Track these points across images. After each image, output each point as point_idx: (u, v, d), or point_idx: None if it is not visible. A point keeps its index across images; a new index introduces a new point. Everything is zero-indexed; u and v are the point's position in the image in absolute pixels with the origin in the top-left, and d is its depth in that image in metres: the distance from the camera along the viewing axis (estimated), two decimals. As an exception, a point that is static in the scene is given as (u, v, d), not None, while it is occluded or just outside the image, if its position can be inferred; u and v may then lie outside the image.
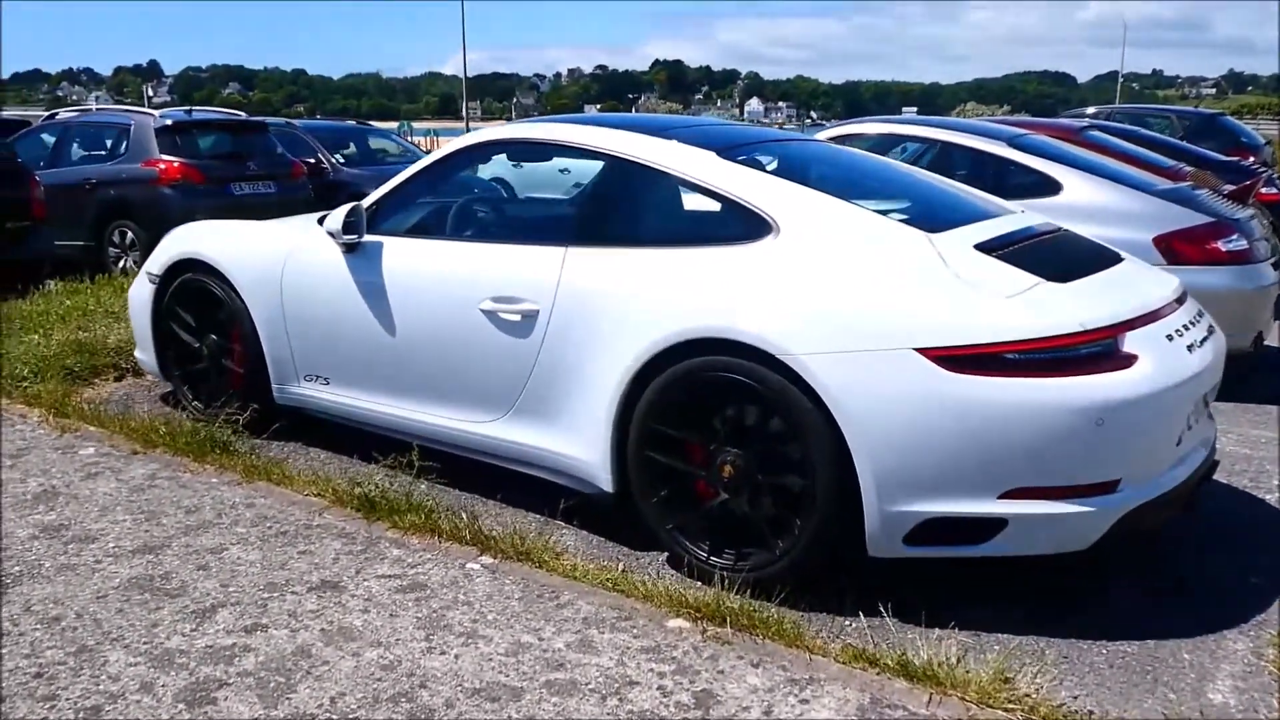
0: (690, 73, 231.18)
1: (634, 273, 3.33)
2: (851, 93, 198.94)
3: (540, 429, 3.56)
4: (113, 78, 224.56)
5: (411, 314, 3.84)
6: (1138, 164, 6.96)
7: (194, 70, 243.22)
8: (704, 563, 3.20)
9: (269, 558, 3.19)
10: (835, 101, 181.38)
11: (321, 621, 2.79)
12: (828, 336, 2.91)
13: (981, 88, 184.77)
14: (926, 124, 6.45)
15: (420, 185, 4.09)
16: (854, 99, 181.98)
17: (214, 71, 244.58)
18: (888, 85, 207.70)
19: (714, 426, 3.14)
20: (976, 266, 3.04)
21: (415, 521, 3.40)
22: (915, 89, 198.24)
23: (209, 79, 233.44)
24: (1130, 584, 3.23)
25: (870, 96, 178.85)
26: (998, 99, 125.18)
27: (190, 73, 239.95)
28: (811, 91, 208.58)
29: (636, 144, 3.58)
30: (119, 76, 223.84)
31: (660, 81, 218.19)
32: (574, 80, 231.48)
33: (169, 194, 9.37)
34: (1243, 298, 5.16)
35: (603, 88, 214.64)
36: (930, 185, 3.97)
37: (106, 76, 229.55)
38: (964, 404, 2.78)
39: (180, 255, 4.60)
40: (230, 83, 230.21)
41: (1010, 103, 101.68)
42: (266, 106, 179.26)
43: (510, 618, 2.84)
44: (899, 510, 2.87)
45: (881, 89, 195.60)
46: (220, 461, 3.98)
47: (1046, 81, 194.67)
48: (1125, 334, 2.92)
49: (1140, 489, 2.90)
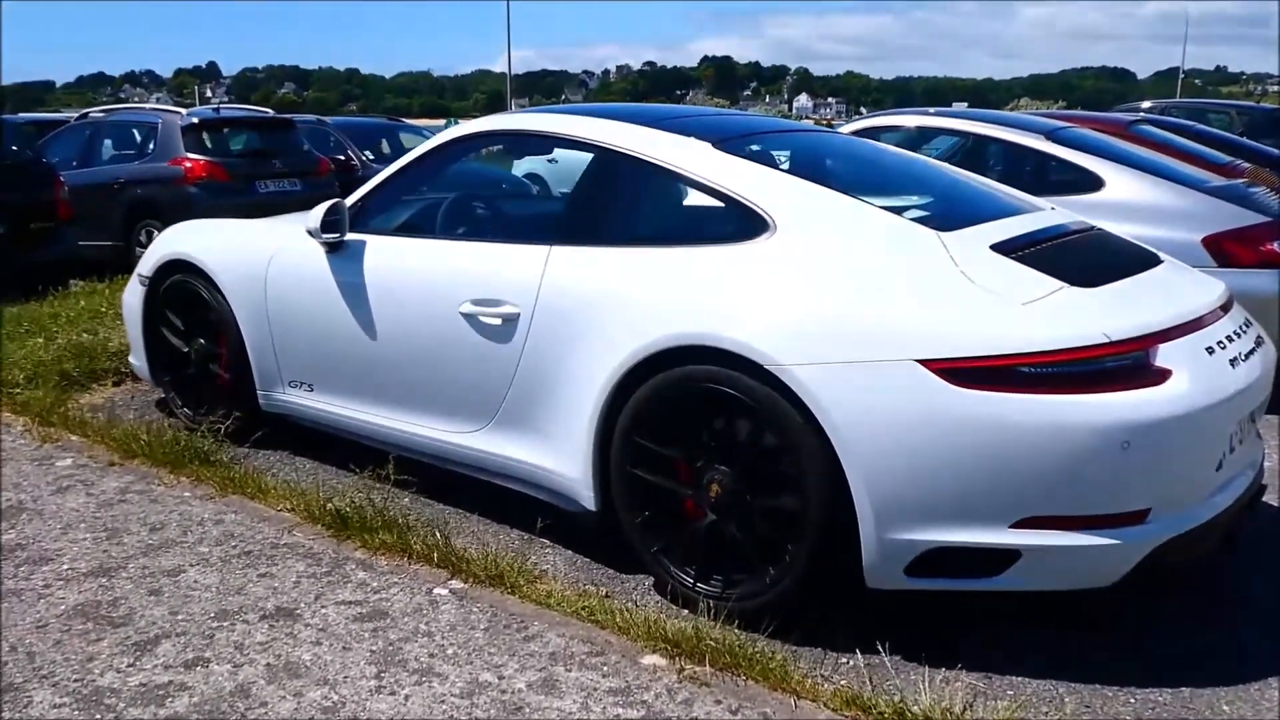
0: (739, 69, 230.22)
1: (618, 274, 3.08)
2: (903, 88, 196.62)
3: (523, 441, 3.32)
4: (173, 79, 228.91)
5: (392, 317, 3.63)
6: (1190, 159, 6.57)
7: (251, 71, 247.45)
8: (690, 589, 2.94)
9: (226, 581, 2.99)
10: (886, 98, 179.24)
11: (269, 655, 2.58)
12: (821, 346, 2.63)
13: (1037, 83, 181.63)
14: (961, 116, 6.12)
15: (405, 182, 3.88)
16: (905, 95, 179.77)
17: (270, 72, 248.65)
18: (940, 81, 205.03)
19: (701, 442, 2.89)
20: (991, 269, 2.75)
21: (386, 541, 3.19)
22: (968, 84, 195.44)
23: (265, 79, 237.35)
24: (1164, 620, 2.91)
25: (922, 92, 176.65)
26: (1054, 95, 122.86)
27: (247, 73, 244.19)
28: (862, 87, 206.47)
29: (625, 134, 3.33)
30: (179, 78, 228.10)
31: (708, 78, 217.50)
32: (622, 77, 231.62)
33: (194, 193, 9.29)
34: (1300, 303, 4.77)
35: (650, 84, 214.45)
36: (949, 179, 3.67)
37: (167, 78, 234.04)
38: (972, 422, 2.50)
39: (168, 256, 4.43)
40: (286, 82, 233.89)
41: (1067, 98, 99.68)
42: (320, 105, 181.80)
43: (472, 652, 2.61)
44: (899, 539, 2.60)
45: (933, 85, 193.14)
46: (197, 473, 3.80)
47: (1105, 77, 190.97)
48: (1158, 346, 2.61)
49: (1173, 520, 2.59)
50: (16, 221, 7.94)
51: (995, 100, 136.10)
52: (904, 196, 3.38)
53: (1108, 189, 5.18)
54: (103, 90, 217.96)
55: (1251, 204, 5.09)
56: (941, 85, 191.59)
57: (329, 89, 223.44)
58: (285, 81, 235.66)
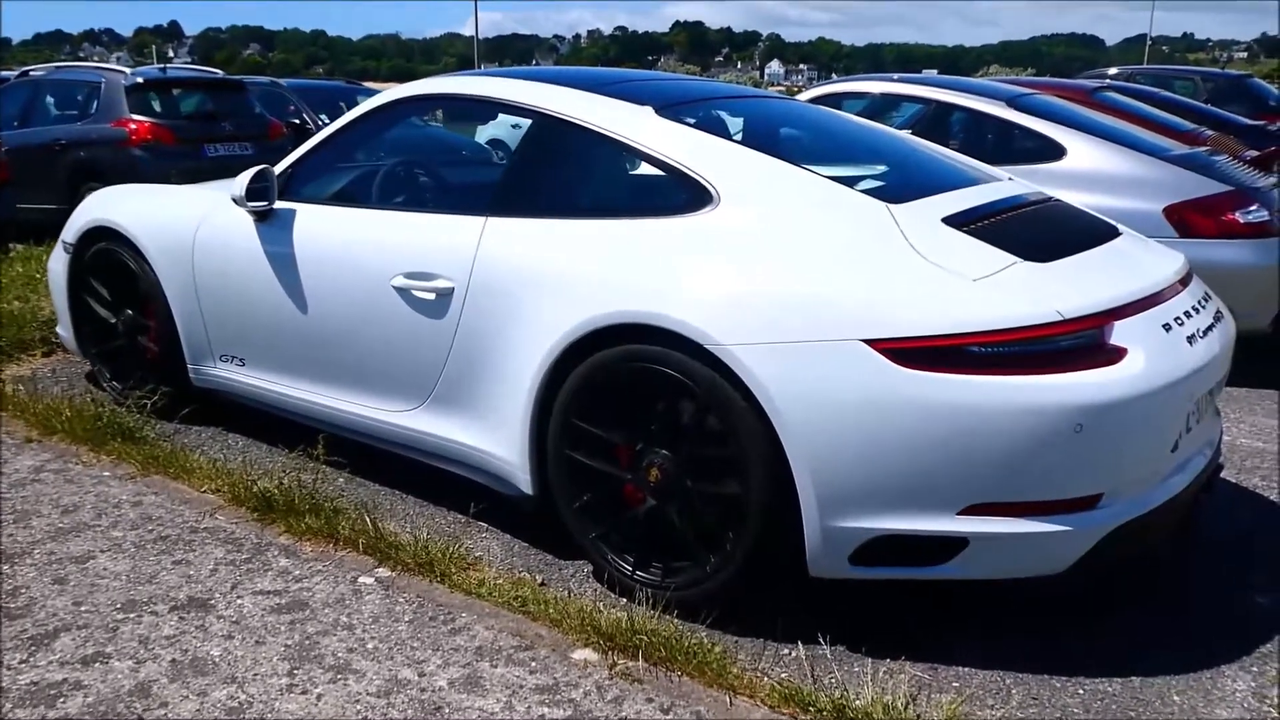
0: (711, 34, 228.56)
1: (554, 247, 2.93)
2: (874, 55, 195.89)
3: (459, 422, 3.17)
4: (133, 38, 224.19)
5: (323, 290, 3.45)
6: (1153, 127, 6.48)
7: (214, 31, 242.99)
8: (628, 577, 2.82)
9: (138, 568, 2.83)
10: (858, 64, 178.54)
11: (175, 650, 2.43)
12: (762, 324, 2.50)
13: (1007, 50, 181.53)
14: (923, 83, 5.97)
15: (337, 148, 3.68)
16: (877, 61, 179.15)
17: (234, 32, 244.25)
18: (911, 47, 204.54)
19: (641, 424, 2.75)
20: (942, 243, 2.62)
21: (312, 525, 3.04)
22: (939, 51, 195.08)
23: (229, 39, 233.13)
24: (1114, 606, 2.82)
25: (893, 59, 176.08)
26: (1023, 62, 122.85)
27: (210, 33, 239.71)
28: (834, 54, 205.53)
29: (563, 99, 3.16)
30: (139, 37, 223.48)
31: (680, 44, 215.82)
32: (593, 41, 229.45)
33: (139, 155, 8.98)
34: (1261, 274, 4.71)
35: (622, 49, 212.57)
36: (905, 149, 3.52)
37: (127, 37, 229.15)
38: (918, 405, 2.37)
39: (92, 223, 4.22)
40: (251, 43, 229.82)
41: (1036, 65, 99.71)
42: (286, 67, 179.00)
43: (393, 646, 2.47)
44: (843, 526, 2.48)
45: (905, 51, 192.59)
46: (119, 451, 3.62)
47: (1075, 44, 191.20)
48: (1113, 323, 2.49)
49: (1127, 504, 2.49)
50: (-51, 184, 7.63)
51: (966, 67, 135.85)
52: (857, 166, 3.24)
53: (1069, 157, 5.07)
54: (61, 48, 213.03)
55: (1214, 173, 5.00)
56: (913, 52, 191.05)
57: (295, 50, 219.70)
58: (250, 42, 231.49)
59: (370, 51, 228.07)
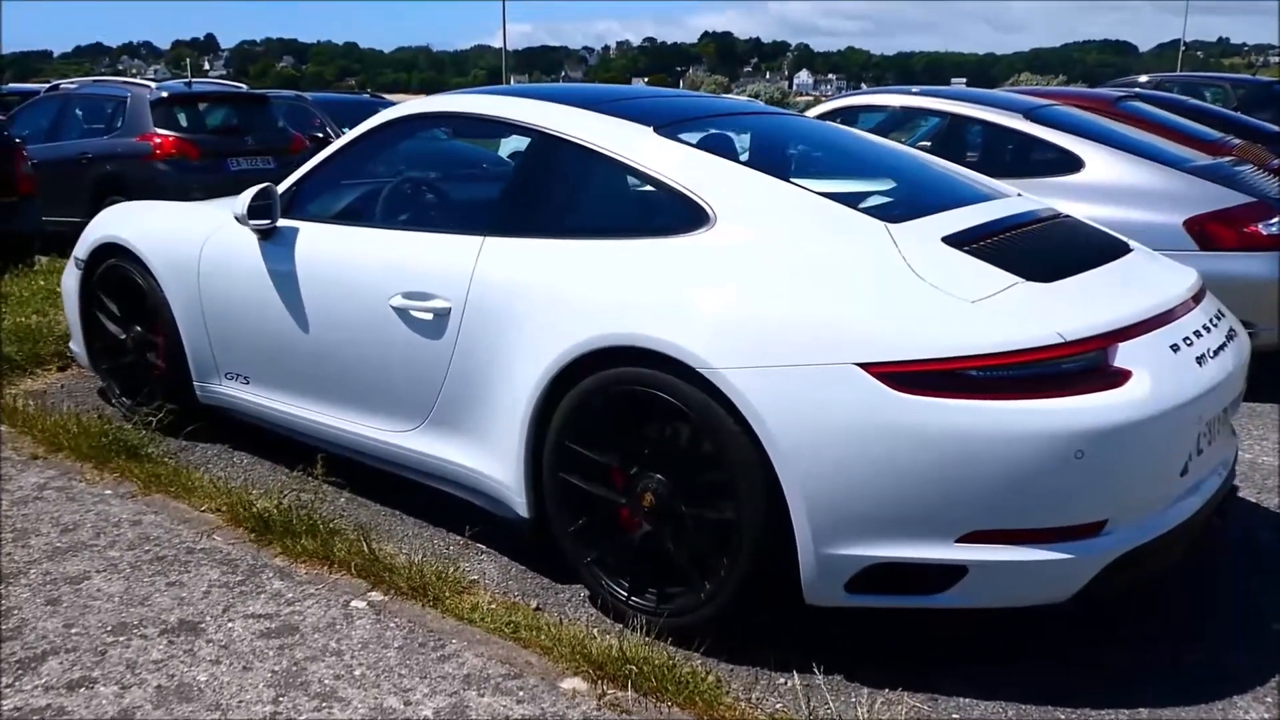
0: (739, 45, 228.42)
1: (551, 268, 2.90)
2: (903, 64, 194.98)
3: (457, 443, 3.14)
4: (170, 51, 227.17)
5: (324, 309, 3.44)
6: (1177, 137, 6.38)
7: (249, 44, 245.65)
8: (623, 603, 2.77)
9: (132, 590, 2.82)
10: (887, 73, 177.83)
11: (161, 675, 2.41)
12: (755, 347, 2.45)
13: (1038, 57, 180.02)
14: (940, 95, 5.90)
15: (340, 166, 3.67)
16: (906, 70, 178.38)
17: (268, 45, 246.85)
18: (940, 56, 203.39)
19: (636, 448, 2.71)
20: (941, 263, 2.56)
21: (308, 547, 3.01)
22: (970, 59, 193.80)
23: (263, 52, 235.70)
24: (1124, 633, 2.74)
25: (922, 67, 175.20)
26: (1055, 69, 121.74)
27: (245, 46, 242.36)
28: (862, 63, 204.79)
29: (561, 117, 3.13)
30: (176, 50, 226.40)
31: (709, 54, 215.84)
32: (622, 53, 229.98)
33: (163, 169, 9.07)
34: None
35: (651, 60, 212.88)
36: (909, 165, 3.47)
37: (165, 50, 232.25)
38: (914, 430, 2.32)
39: (102, 239, 4.24)
40: (284, 56, 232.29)
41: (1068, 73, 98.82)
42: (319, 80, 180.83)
43: (381, 673, 2.44)
44: (838, 553, 2.42)
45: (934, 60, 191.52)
46: (123, 469, 3.62)
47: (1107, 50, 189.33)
48: (1117, 345, 2.42)
49: (1133, 530, 2.42)
50: (-27, 196, 7.72)
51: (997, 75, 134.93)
52: (859, 183, 3.19)
53: (1087, 170, 4.99)
54: (100, 61, 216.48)
55: (1236, 183, 4.90)
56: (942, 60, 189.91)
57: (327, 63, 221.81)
58: (284, 55, 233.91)
59: (402, 64, 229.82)
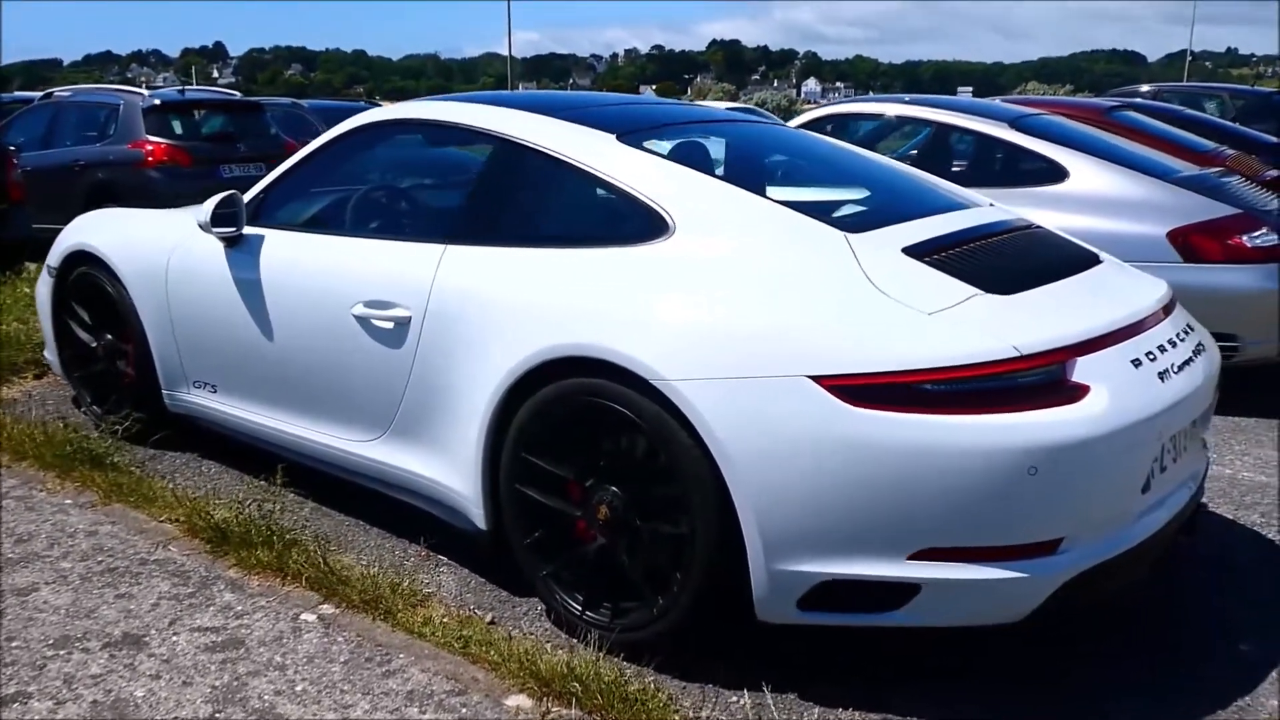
0: (747, 53, 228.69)
1: (510, 277, 2.86)
2: (911, 73, 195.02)
3: (418, 453, 3.10)
4: (180, 59, 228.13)
5: (288, 318, 3.41)
6: (1168, 147, 6.32)
7: (258, 52, 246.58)
8: (578, 617, 2.73)
9: (79, 602, 2.78)
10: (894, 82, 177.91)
11: (98, 690, 2.37)
12: (708, 359, 2.41)
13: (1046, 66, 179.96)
14: (927, 104, 5.86)
15: (306, 174, 3.64)
16: (914, 79, 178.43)
17: (277, 53, 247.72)
18: (948, 65, 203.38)
19: (591, 460, 2.67)
20: (900, 274, 2.52)
21: (264, 558, 2.97)
22: (977, 68, 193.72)
23: (272, 60, 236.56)
24: (1085, 650, 2.68)
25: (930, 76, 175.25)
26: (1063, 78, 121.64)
27: (254, 54, 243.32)
28: (870, 71, 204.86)
29: (525, 124, 3.09)
30: (185, 58, 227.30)
31: (717, 62, 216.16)
32: (630, 60, 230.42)
33: (155, 176, 9.06)
34: (1270, 300, 4.53)
35: (659, 68, 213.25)
36: (879, 173, 3.42)
37: (174, 58, 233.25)
38: (866, 444, 2.27)
39: (73, 247, 4.22)
40: (293, 64, 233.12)
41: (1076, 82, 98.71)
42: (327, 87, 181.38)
43: (323, 689, 2.40)
44: (790, 570, 2.37)
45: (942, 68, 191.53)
46: (85, 478, 3.59)
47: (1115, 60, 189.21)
48: (1075, 359, 2.38)
49: (1090, 549, 2.37)
50: (-37, 204, 7.72)
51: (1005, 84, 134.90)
52: (828, 192, 3.16)
53: (1071, 180, 4.94)
54: (110, 69, 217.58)
55: (1222, 195, 4.84)
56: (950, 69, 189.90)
57: (336, 70, 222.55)
58: (292, 63, 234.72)
59: (410, 71, 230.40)
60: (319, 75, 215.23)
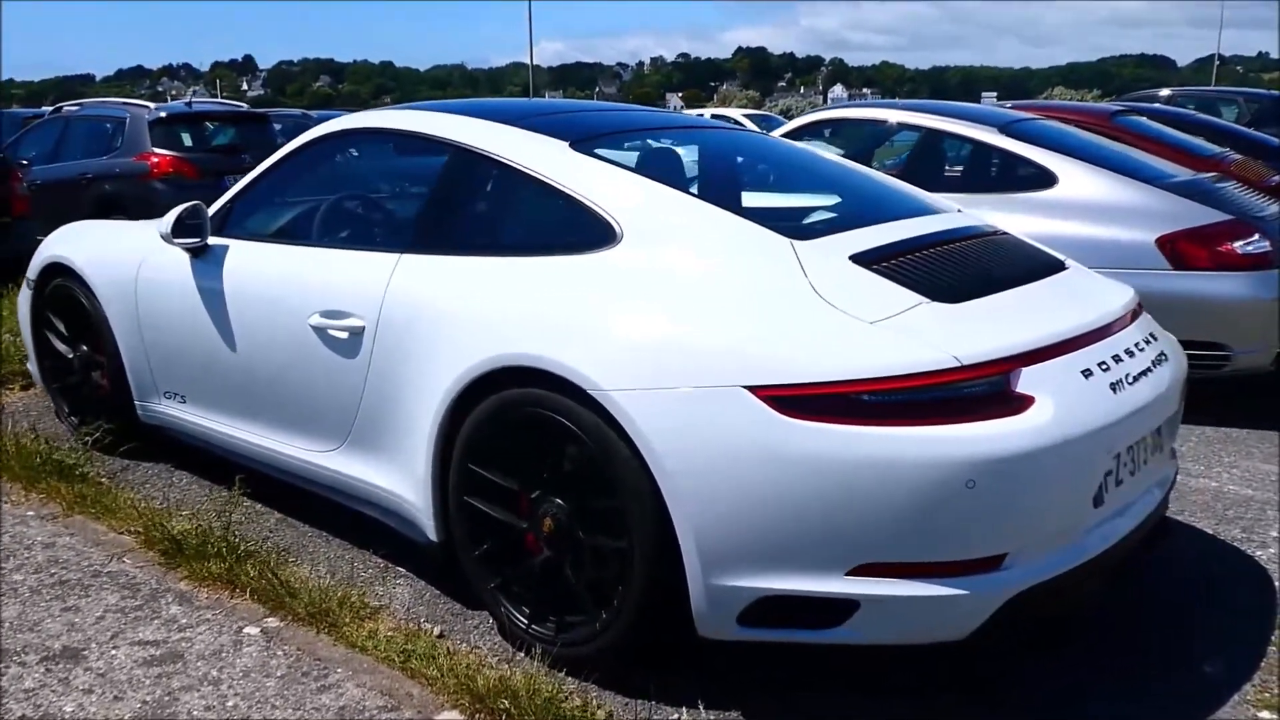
0: (773, 60, 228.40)
1: (458, 286, 2.83)
2: (937, 78, 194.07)
3: (374, 464, 3.07)
4: (209, 73, 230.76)
5: (250, 328, 3.40)
6: (1171, 152, 6.23)
7: (286, 64, 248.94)
8: (524, 631, 2.69)
9: (25, 615, 2.77)
10: (921, 88, 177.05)
11: (28, 705, 2.35)
12: (644, 369, 2.36)
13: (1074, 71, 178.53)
14: (917, 109, 5.79)
15: (269, 184, 3.64)
16: (940, 85, 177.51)
17: (305, 65, 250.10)
18: (976, 70, 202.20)
19: (535, 472, 2.63)
20: (844, 282, 2.47)
21: (215, 570, 2.95)
22: (1005, 74, 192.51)
23: (300, 73, 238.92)
24: (1041, 667, 2.61)
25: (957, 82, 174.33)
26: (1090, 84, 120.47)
27: (283, 67, 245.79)
28: (897, 78, 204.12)
29: (478, 132, 3.07)
30: (215, 72, 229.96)
31: (743, 69, 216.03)
32: (656, 69, 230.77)
33: (160, 188, 9.13)
34: (1260, 308, 4.43)
35: (685, 76, 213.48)
36: (842, 179, 3.36)
37: (204, 72, 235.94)
38: (801, 457, 2.22)
39: (49, 259, 4.24)
40: (321, 75, 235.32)
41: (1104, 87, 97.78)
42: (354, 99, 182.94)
43: (254, 704, 2.37)
44: (727, 585, 2.32)
45: (968, 74, 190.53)
46: (52, 490, 3.59)
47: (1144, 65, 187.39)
48: (1020, 370, 2.31)
49: (1037, 565, 2.30)
50: (-32, 217, 7.81)
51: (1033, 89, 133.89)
52: (785, 198, 3.10)
53: (1061, 185, 4.86)
54: (141, 83, 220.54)
55: (1215, 201, 4.75)
56: (977, 75, 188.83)
57: (363, 81, 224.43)
58: (320, 75, 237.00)
59: (437, 82, 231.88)
60: (346, 86, 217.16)
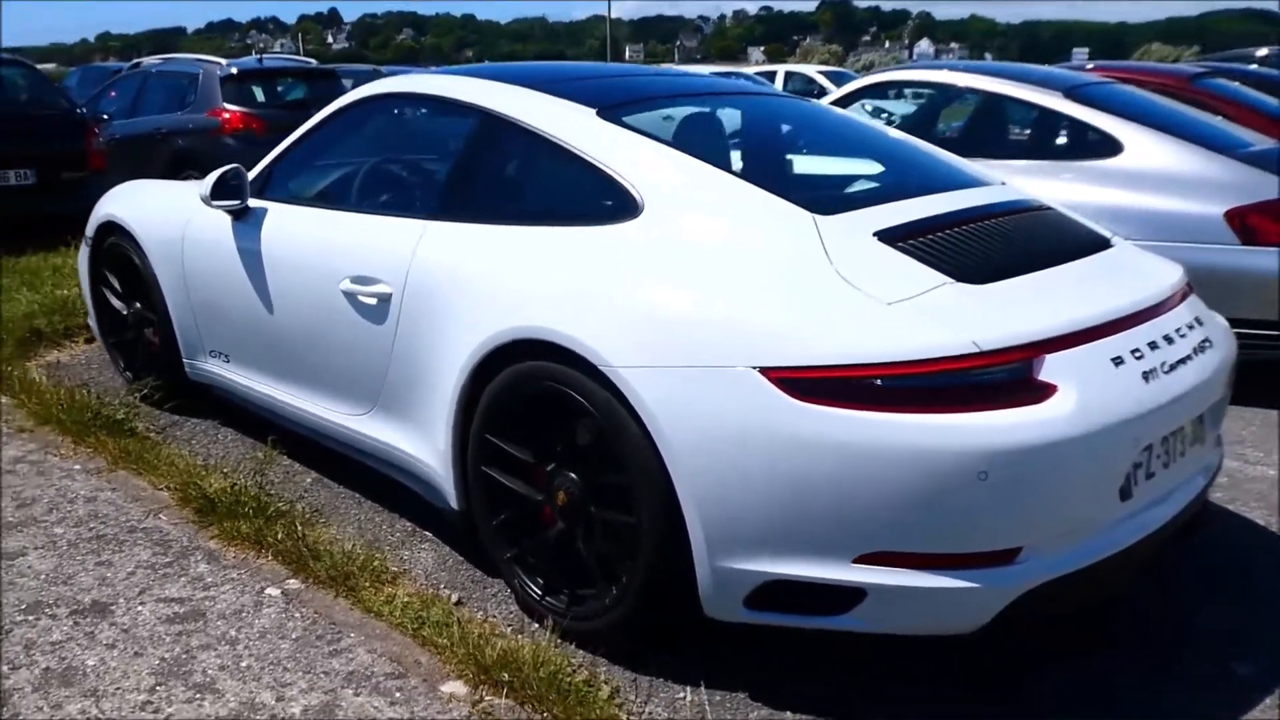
0: (858, 13, 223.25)
1: (482, 254, 2.82)
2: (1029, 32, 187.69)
3: (401, 429, 3.10)
4: (296, 25, 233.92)
5: (285, 291, 3.44)
6: (1255, 118, 5.93)
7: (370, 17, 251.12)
8: (537, 602, 2.70)
9: (61, 568, 2.86)
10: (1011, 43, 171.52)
11: (53, 658, 2.43)
12: (655, 346, 2.33)
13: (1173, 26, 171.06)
14: (978, 71, 5.57)
15: (307, 148, 3.67)
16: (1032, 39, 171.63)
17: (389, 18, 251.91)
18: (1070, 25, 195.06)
19: (550, 444, 2.62)
20: (867, 260, 2.39)
21: (244, 530, 3.02)
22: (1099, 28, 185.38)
23: (384, 26, 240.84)
24: (1064, 660, 2.54)
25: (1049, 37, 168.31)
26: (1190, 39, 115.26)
27: (367, 19, 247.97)
28: (986, 31, 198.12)
29: (506, 98, 3.04)
30: (301, 24, 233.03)
31: (826, 23, 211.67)
32: (738, 22, 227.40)
33: (230, 144, 9.27)
34: (1336, 288, 4.20)
35: (767, 29, 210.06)
36: (882, 149, 3.26)
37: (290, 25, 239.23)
38: (810, 442, 2.16)
39: (104, 217, 4.34)
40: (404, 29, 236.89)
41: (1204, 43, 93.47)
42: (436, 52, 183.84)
43: (266, 666, 2.42)
44: (734, 568, 2.29)
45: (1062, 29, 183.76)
46: (98, 444, 3.70)
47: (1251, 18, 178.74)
48: (1044, 357, 2.22)
49: (1055, 560, 2.22)
50: (46, 171, 8.06)
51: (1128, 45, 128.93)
52: (815, 167, 3.02)
53: (1126, 154, 4.64)
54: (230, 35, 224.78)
55: (1293, 172, 4.49)
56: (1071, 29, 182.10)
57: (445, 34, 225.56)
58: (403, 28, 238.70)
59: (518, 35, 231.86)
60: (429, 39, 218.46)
